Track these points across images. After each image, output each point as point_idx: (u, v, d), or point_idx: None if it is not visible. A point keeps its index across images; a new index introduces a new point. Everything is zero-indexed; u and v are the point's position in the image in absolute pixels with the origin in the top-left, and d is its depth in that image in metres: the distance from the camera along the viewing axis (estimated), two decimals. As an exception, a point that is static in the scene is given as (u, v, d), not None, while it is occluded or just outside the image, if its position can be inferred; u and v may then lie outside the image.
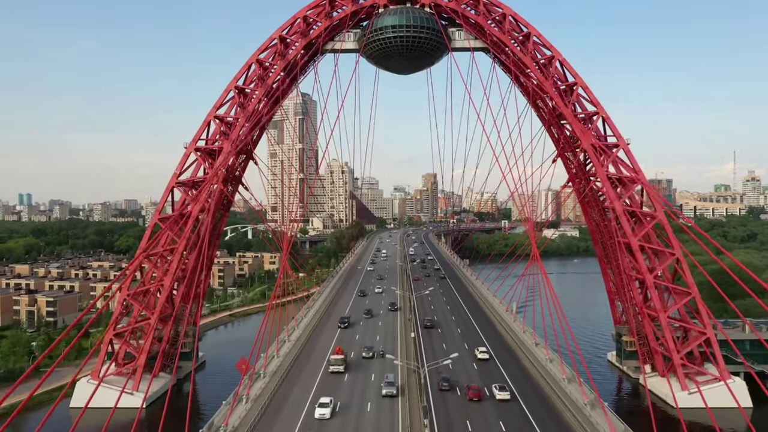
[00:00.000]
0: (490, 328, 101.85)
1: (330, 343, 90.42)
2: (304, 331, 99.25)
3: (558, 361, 77.01)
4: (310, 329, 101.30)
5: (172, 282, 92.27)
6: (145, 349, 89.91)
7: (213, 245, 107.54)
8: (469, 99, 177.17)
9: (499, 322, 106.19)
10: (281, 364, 78.51)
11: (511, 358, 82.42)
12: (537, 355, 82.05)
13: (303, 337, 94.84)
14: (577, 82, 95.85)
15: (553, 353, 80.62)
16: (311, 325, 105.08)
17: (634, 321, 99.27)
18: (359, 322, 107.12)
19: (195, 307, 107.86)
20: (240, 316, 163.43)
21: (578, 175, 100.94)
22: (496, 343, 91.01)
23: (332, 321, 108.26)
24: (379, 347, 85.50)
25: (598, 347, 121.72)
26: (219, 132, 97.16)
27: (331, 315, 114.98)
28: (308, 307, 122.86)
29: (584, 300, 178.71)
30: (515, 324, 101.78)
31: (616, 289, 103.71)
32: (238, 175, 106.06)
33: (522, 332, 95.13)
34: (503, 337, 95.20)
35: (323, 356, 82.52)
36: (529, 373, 76.05)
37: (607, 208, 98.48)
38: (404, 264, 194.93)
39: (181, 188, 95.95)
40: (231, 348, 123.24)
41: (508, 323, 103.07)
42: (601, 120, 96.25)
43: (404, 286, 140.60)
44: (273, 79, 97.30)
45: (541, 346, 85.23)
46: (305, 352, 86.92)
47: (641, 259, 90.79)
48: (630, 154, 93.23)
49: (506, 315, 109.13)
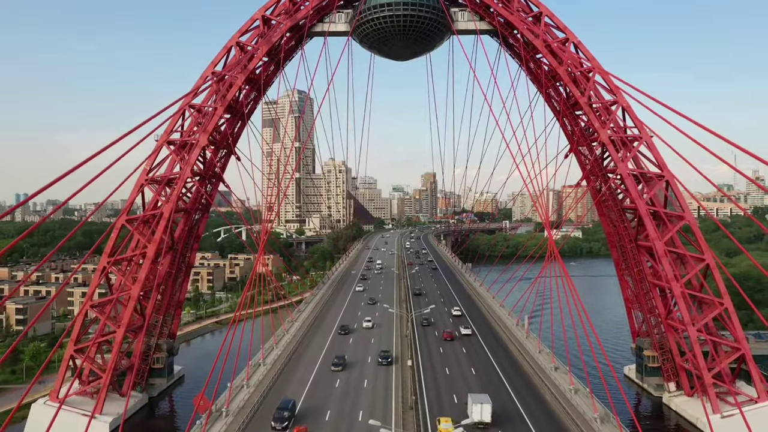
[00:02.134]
0: (502, 351, 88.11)
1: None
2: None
3: (585, 393, 66.40)
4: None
5: (140, 291, 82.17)
6: (110, 366, 79.87)
7: (191, 249, 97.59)
8: (473, 88, 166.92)
9: (511, 340, 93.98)
10: (249, 399, 66.78)
11: (529, 392, 70.15)
12: (558, 384, 70.59)
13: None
14: (594, 67, 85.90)
15: (577, 381, 70.18)
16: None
17: (655, 333, 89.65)
18: (333, 386, 71.18)
19: (172, 317, 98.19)
20: (227, 323, 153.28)
21: (594, 171, 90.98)
22: (511, 371, 78.40)
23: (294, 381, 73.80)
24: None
25: (612, 359, 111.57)
26: (195, 123, 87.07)
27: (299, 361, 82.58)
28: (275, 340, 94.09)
29: (590, 306, 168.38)
30: (529, 342, 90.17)
31: (636, 297, 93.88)
32: (218, 172, 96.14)
33: (537, 352, 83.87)
34: (519, 364, 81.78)
35: None
36: (549, 407, 64.95)
37: (627, 209, 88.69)
38: (401, 272, 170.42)
39: (152, 186, 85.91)
40: (214, 359, 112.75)
41: (522, 343, 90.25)
42: (620, 110, 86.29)
43: (401, 321, 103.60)
44: (255, 65, 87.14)
45: (562, 371, 74.71)
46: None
47: (667, 265, 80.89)
48: (654, 148, 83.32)
49: (517, 330, 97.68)
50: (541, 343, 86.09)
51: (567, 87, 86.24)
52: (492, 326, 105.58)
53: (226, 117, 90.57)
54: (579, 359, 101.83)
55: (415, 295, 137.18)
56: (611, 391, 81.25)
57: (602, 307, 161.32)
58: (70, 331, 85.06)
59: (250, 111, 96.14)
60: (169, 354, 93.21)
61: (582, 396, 65.34)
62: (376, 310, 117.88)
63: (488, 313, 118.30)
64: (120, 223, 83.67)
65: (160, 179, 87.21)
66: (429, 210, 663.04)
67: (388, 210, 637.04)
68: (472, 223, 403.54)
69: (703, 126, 72.54)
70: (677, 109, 74.05)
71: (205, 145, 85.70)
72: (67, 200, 68.45)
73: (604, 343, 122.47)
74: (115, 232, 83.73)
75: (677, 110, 74.85)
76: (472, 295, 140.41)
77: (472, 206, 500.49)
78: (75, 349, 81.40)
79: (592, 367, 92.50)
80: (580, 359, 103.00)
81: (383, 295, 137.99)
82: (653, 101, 79.24)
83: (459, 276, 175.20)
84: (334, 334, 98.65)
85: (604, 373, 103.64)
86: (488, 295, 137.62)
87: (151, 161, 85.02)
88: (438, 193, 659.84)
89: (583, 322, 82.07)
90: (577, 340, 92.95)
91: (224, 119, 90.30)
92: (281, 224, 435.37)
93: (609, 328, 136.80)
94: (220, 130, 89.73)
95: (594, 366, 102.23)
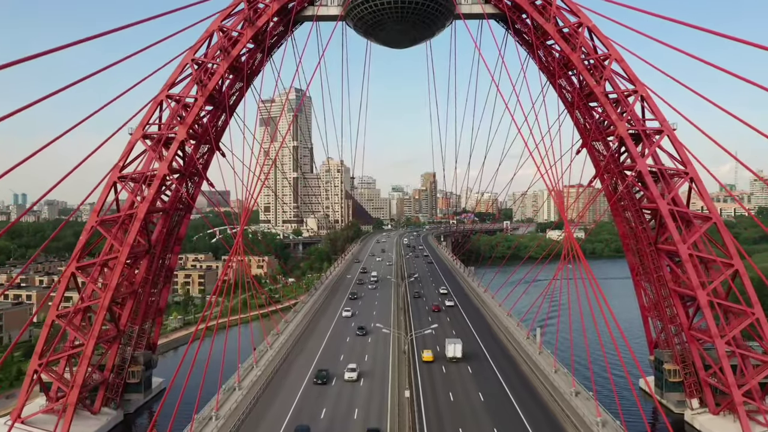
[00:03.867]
0: (512, 370, 77.22)
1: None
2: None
3: (615, 427, 57.83)
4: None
5: (111, 298, 74.66)
6: (78, 382, 72.35)
7: (171, 252, 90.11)
8: (477, 79, 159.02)
9: (523, 358, 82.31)
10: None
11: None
12: (581, 415, 59.86)
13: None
14: (611, 54, 78.40)
15: (604, 412, 61.93)
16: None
17: (676, 344, 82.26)
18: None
19: (151, 325, 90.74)
20: (217, 328, 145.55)
21: (609, 168, 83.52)
22: (521, 389, 69.29)
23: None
24: None
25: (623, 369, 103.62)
26: (174, 116, 79.56)
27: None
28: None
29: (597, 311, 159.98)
30: (542, 360, 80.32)
31: (654, 305, 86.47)
32: (200, 170, 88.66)
33: (552, 371, 74.25)
34: (531, 385, 71.43)
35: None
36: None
37: (646, 209, 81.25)
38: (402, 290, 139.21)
39: (126, 184, 78.42)
40: (200, 369, 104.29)
41: (534, 360, 80.00)
42: (639, 101, 78.86)
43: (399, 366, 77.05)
44: (239, 51, 79.62)
45: (583, 396, 66.66)
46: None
47: (692, 271, 73.47)
48: (677, 142, 75.89)
49: (528, 344, 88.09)
50: (557, 362, 76.74)
51: (581, 76, 78.76)
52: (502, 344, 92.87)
53: (208, 109, 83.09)
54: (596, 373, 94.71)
55: (414, 298, 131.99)
56: (627, 406, 74.28)
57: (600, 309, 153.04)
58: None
59: (235, 103, 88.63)
60: (146, 367, 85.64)
61: (610, 429, 57.28)
62: (365, 347, 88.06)
63: (495, 324, 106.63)
64: (90, 225, 76.11)
65: (136, 177, 79.86)
66: (429, 210, 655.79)
67: (387, 210, 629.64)
68: (472, 224, 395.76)
69: (741, 119, 65.22)
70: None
71: (184, 139, 78.26)
72: (36, 202, 60.88)
73: (613, 353, 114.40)
74: (84, 234, 76.23)
75: (711, 100, 67.49)
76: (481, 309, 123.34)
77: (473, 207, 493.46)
78: (45, 362, 73.90)
79: (601, 376, 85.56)
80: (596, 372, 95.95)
81: (377, 317, 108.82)
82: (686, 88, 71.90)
83: (460, 279, 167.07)
84: (306, 384, 70.71)
85: (620, 387, 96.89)
86: (494, 302, 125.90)
87: (124, 157, 77.53)
88: (438, 193, 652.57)
89: (599, 330, 75.49)
90: (587, 349, 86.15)
91: (206, 111, 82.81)
92: (278, 225, 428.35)
93: (617, 336, 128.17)
94: (201, 123, 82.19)
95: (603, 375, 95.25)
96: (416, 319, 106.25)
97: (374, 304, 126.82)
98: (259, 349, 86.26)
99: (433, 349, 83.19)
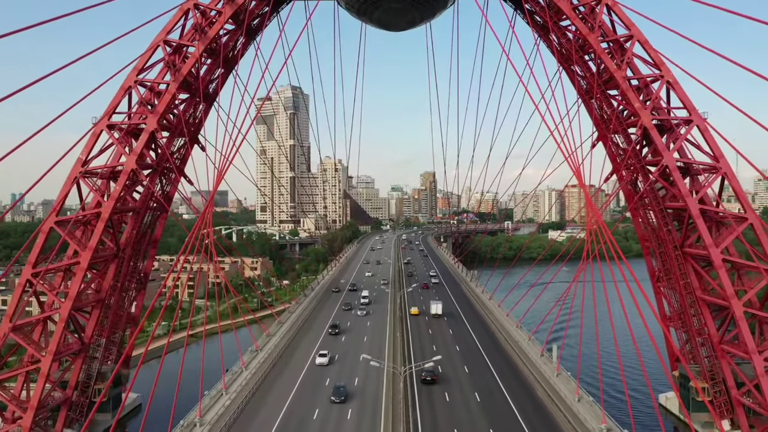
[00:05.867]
0: (523, 393, 66.79)
1: None
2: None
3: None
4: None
5: (71, 308, 66.30)
6: (33, 404, 64.00)
7: (145, 256, 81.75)
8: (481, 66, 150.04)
9: (535, 376, 71.97)
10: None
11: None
12: None
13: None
14: (633, 35, 70.03)
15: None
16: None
17: (704, 357, 74.05)
18: None
19: (121, 337, 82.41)
20: (202, 336, 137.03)
21: (630, 163, 75.19)
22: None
23: None
24: None
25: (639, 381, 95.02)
26: (144, 103, 71.19)
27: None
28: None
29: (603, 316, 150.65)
30: (559, 383, 68.43)
31: (679, 314, 78.19)
32: (178, 165, 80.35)
33: (574, 400, 62.81)
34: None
35: None
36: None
37: (672, 208, 72.93)
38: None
39: (89, 180, 70.09)
40: (184, 380, 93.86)
41: (549, 381, 69.33)
42: (664, 88, 70.53)
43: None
44: (217, 31, 71.15)
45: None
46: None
47: (726, 278, 65.18)
48: (708, 134, 67.50)
49: (542, 363, 77.05)
50: (580, 389, 64.93)
51: (600, 59, 70.28)
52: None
53: (183, 97, 74.70)
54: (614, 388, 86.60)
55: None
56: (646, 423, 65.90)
57: (616, 316, 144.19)
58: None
59: (215, 91, 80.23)
60: (116, 383, 77.15)
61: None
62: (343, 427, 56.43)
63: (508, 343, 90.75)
64: (48, 227, 67.70)
65: (102, 172, 71.54)
66: (428, 210, 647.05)
67: (386, 210, 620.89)
68: (472, 224, 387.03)
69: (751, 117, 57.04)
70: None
71: (155, 129, 69.81)
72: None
73: (628, 364, 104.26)
74: (41, 237, 67.79)
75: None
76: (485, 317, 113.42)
77: (473, 207, 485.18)
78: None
79: (613, 388, 76.48)
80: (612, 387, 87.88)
81: (365, 371, 71.81)
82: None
83: (465, 287, 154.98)
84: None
85: (636, 403, 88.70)
86: (500, 312, 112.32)
87: (88, 149, 69.12)
88: (438, 193, 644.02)
89: (616, 339, 67.17)
90: (598, 359, 78.26)
91: (180, 100, 74.41)
92: (275, 225, 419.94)
93: (627, 342, 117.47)
94: (175, 113, 73.78)
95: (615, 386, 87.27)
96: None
97: (362, 340, 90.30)
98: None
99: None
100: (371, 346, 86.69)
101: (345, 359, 79.72)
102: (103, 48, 68.59)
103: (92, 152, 70.65)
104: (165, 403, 63.31)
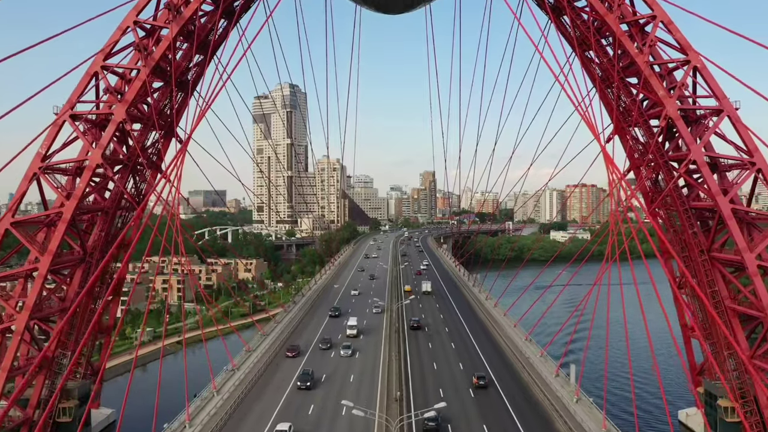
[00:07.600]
0: None
1: None
2: None
3: None
4: None
5: (28, 319, 59.16)
6: (-16, 427, 57.00)
7: (116, 260, 74.56)
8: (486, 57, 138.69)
9: (554, 404, 58.68)
10: None
11: None
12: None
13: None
14: (657, 15, 62.99)
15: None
16: None
17: (732, 371, 67.03)
18: None
19: (90, 349, 75.28)
20: (190, 342, 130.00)
21: (652, 158, 68.10)
22: None
23: None
24: None
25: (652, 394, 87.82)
26: (111, 91, 64.03)
27: None
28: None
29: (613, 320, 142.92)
30: (581, 412, 56.17)
31: (704, 325, 71.18)
32: (153, 160, 73.26)
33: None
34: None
35: None
36: None
37: (699, 208, 65.92)
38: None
39: (50, 176, 62.99)
40: (166, 391, 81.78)
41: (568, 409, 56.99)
42: (691, 74, 63.52)
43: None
44: (193, 10, 63.95)
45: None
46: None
47: (762, 286, 58.19)
48: (741, 124, 60.47)
49: (563, 392, 62.74)
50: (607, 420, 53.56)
51: (620, 42, 63.18)
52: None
53: (157, 85, 67.57)
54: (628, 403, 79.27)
55: (413, 328, 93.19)
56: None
57: (617, 318, 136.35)
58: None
59: (195, 80, 73.05)
60: (82, 401, 69.86)
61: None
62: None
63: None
64: (3, 228, 60.51)
65: (66, 168, 64.45)
66: (428, 210, 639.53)
67: (385, 210, 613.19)
68: (472, 224, 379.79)
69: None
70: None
71: (123, 120, 62.66)
72: None
73: (645, 378, 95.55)
74: (-5, 240, 60.63)
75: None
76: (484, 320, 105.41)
77: (473, 207, 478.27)
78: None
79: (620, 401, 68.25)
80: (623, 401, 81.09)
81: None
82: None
83: (466, 291, 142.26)
84: None
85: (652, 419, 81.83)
86: (505, 320, 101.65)
87: (48, 142, 61.95)
88: (437, 193, 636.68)
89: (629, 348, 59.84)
90: (605, 370, 71.63)
91: (154, 88, 67.22)
92: (272, 225, 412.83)
93: (641, 353, 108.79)
94: (148, 102, 66.63)
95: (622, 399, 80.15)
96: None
97: (345, 394, 59.48)
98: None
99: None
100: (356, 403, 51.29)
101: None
102: (70, 32, 61.82)
103: (55, 146, 63.42)
104: (142, 420, 55.29)
